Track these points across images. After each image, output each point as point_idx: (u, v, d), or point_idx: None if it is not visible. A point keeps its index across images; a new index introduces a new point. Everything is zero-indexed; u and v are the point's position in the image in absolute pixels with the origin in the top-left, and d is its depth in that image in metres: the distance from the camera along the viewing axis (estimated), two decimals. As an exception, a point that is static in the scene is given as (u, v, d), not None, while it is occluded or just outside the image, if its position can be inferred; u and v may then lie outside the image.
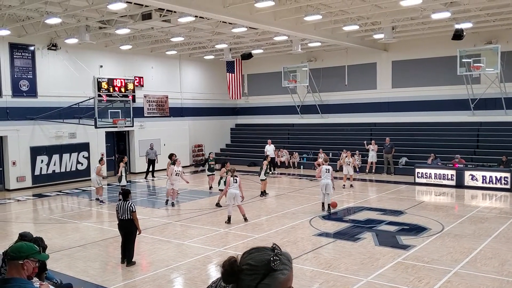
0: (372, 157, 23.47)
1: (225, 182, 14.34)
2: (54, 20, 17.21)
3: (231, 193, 13.47)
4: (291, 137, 29.55)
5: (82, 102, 21.72)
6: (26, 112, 21.04)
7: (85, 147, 23.11)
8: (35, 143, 21.28)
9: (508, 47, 22.32)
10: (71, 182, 22.20)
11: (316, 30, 20.70)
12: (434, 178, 20.01)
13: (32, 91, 21.42)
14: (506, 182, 18.43)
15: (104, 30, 20.50)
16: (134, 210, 9.82)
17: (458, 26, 19.73)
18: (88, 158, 23.08)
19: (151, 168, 24.42)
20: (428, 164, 20.86)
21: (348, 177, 19.97)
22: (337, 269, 9.31)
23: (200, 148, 29.81)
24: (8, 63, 20.57)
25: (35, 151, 21.22)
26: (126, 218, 9.77)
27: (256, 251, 1.88)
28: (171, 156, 17.66)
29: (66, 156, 22.33)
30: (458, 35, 20.04)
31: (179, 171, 16.77)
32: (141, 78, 26.49)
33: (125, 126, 22.83)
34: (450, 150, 21.90)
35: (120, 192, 10.93)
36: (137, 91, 26.13)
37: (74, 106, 21.74)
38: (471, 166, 19.75)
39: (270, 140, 26.05)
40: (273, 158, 24.96)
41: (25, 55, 21.18)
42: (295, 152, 27.10)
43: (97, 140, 23.68)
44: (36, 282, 3.92)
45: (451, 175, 19.63)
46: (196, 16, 17.52)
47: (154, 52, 26.46)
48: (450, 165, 19.98)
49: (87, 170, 22.52)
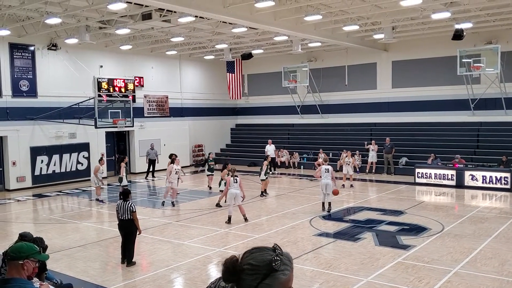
0: (372, 157, 23.47)
1: (225, 183, 14.35)
2: (54, 20, 17.21)
3: (232, 193, 13.48)
4: (291, 137, 29.55)
5: (82, 102, 21.72)
6: (26, 112, 21.04)
7: (85, 147, 23.11)
8: (35, 143, 21.28)
9: (508, 47, 22.32)
10: (71, 182, 22.21)
11: (316, 30, 20.70)
12: (434, 178, 20.01)
13: (32, 91, 21.42)
14: (506, 182, 18.43)
15: (104, 30, 20.50)
16: (134, 210, 9.83)
17: (458, 26, 19.73)
18: (88, 158, 23.08)
19: (152, 168, 24.45)
20: (428, 164, 20.86)
21: (348, 177, 19.98)
22: (337, 269, 9.31)
23: (200, 148, 29.81)
24: (8, 63, 20.57)
25: (35, 151, 21.22)
26: (126, 218, 9.78)
27: (258, 251, 1.87)
28: (171, 156, 17.70)
29: (66, 156, 22.33)
30: (458, 35, 20.04)
31: (178, 169, 16.83)
32: (141, 78, 26.48)
33: (125, 126, 22.84)
34: (450, 150, 21.91)
35: (120, 192, 10.93)
36: (137, 91, 26.12)
37: (74, 106, 21.74)
38: (471, 166, 19.76)
39: (270, 140, 26.04)
40: (273, 158, 24.96)
41: (25, 55, 21.18)
42: (295, 152, 27.10)
43: (97, 140, 23.68)
44: (36, 282, 3.91)
45: (451, 175, 19.63)
46: (196, 16, 17.52)
47: (154, 52, 26.46)
48: (450, 165, 19.98)
49: (87, 170, 22.52)
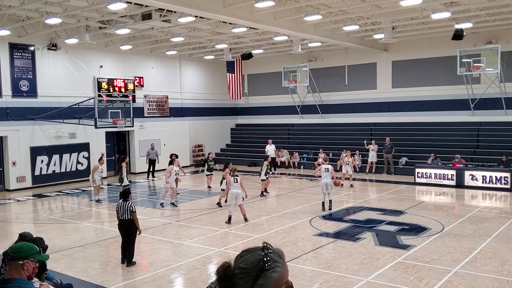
0: (372, 157, 23.46)
1: (226, 182, 14.34)
2: (54, 20, 17.20)
3: (233, 193, 13.48)
4: (291, 137, 29.55)
5: (82, 102, 21.72)
6: (26, 112, 21.04)
7: (85, 147, 23.11)
8: (35, 143, 21.28)
9: (508, 47, 22.32)
10: (71, 182, 22.21)
11: (316, 30, 20.69)
12: (434, 178, 20.01)
13: (32, 91, 21.42)
14: (506, 182, 18.43)
15: (104, 30, 20.50)
16: (134, 210, 9.83)
17: (458, 26, 19.73)
18: (88, 158, 23.08)
19: (152, 168, 24.44)
20: (428, 164, 20.85)
21: (347, 176, 19.97)
22: (337, 269, 9.31)
23: (200, 148, 29.81)
24: (8, 63, 20.57)
25: (35, 151, 21.22)
26: (126, 218, 9.78)
27: (247, 253, 1.87)
28: (171, 156, 17.71)
29: (66, 156, 22.34)
30: (458, 35, 20.04)
31: (177, 171, 16.85)
32: (141, 78, 26.48)
33: (125, 126, 22.84)
34: (450, 150, 21.91)
35: (120, 192, 10.94)
36: (137, 91, 26.12)
37: (74, 106, 21.74)
38: (471, 166, 19.76)
39: (271, 140, 26.04)
40: (273, 158, 24.96)
41: (25, 55, 21.18)
42: (295, 152, 27.10)
43: (97, 140, 23.68)
44: (36, 283, 3.91)
45: (451, 175, 19.63)
46: (196, 16, 17.52)
47: (154, 52, 26.46)
48: (450, 165, 19.98)
49: (87, 170, 22.45)
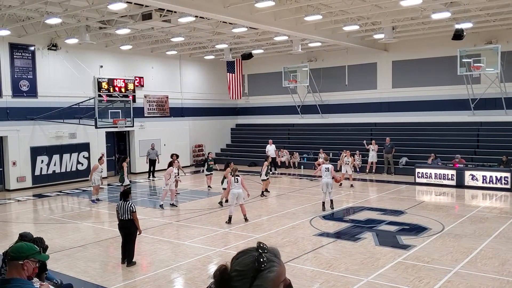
0: (372, 157, 23.46)
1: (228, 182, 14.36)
2: (54, 20, 17.21)
3: (234, 193, 13.47)
4: (292, 137, 29.55)
5: (82, 102, 21.72)
6: (26, 112, 21.04)
7: (85, 147, 23.12)
8: (35, 143, 21.29)
9: (508, 47, 22.32)
10: (71, 182, 22.22)
11: (316, 30, 20.69)
12: (434, 178, 20.00)
13: (32, 91, 21.42)
14: (506, 182, 18.43)
15: (104, 30, 20.50)
16: (134, 210, 9.83)
17: (458, 26, 19.73)
18: (88, 158, 23.08)
19: (152, 168, 24.44)
20: (428, 164, 20.85)
21: (347, 176, 19.96)
22: (337, 269, 9.31)
23: (200, 148, 29.80)
24: (8, 63, 20.56)
25: (35, 151, 21.23)
26: (126, 218, 9.78)
27: (242, 255, 1.87)
28: (172, 156, 17.71)
29: (66, 156, 22.34)
30: (458, 35, 20.04)
31: (176, 173, 16.86)
32: (141, 78, 26.48)
33: (125, 126, 22.83)
34: (450, 150, 21.91)
35: (121, 192, 10.94)
36: (137, 91, 26.12)
37: (74, 106, 21.73)
38: (471, 166, 19.76)
39: (271, 140, 26.01)
40: (274, 158, 24.96)
41: (25, 55, 21.17)
42: (295, 152, 27.10)
43: (97, 140, 23.69)
44: (37, 283, 3.92)
45: (451, 175, 19.63)
46: (196, 16, 17.51)
47: (154, 52, 26.46)
48: (450, 165, 19.98)
49: (87, 170, 22.41)
